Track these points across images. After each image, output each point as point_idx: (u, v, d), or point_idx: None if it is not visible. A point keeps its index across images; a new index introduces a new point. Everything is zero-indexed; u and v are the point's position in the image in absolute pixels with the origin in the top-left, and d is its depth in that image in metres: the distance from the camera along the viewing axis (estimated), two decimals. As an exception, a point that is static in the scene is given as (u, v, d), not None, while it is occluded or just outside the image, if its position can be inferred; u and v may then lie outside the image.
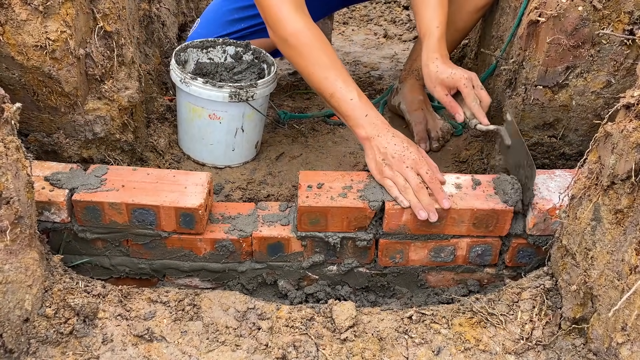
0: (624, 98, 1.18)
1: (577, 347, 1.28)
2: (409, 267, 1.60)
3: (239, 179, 1.97)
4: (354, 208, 1.49)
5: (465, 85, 1.65)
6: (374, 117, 1.56)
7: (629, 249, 1.12)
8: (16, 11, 1.42)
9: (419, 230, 1.53)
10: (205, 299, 1.41)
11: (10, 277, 1.18)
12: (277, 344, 1.32)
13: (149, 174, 1.55)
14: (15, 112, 1.20)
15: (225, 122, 1.89)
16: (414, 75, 2.17)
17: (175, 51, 1.94)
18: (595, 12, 1.51)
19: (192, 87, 1.82)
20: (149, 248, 1.55)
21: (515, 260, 1.59)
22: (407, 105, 2.19)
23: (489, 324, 1.37)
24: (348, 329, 1.35)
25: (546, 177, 1.56)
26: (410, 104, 2.17)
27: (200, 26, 2.23)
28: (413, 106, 2.16)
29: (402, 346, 1.33)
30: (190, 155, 2.02)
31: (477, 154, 2.01)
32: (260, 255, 1.56)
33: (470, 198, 1.52)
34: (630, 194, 1.13)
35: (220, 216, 1.58)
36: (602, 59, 1.58)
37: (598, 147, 1.24)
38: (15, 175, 1.19)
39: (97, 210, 1.47)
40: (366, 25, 3.43)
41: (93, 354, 1.27)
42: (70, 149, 1.69)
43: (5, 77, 1.51)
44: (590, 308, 1.26)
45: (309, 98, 2.45)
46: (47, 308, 1.28)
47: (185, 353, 1.29)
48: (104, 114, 1.68)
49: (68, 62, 1.52)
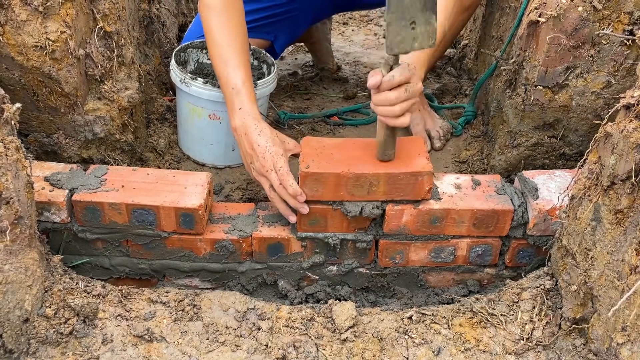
0: (624, 98, 1.18)
1: (577, 347, 1.28)
2: (409, 267, 1.60)
3: (239, 179, 1.96)
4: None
5: None
6: (246, 112, 1.57)
7: (629, 249, 1.12)
8: (16, 11, 1.42)
9: (419, 231, 1.53)
10: (205, 299, 1.41)
11: (10, 277, 1.18)
12: (277, 344, 1.32)
13: (148, 174, 1.55)
14: (15, 112, 1.20)
15: (225, 122, 1.89)
16: None
17: (175, 51, 1.94)
18: (595, 12, 1.51)
19: (192, 87, 1.82)
20: (149, 248, 1.55)
21: (515, 260, 1.59)
22: None
23: (489, 324, 1.37)
24: (348, 329, 1.35)
25: (546, 178, 1.56)
26: None
27: (193, 23, 2.24)
28: None
29: (402, 346, 1.33)
30: (190, 155, 2.02)
31: (477, 154, 2.01)
32: (260, 255, 1.56)
33: (470, 198, 1.52)
34: (630, 194, 1.13)
35: (220, 216, 1.58)
36: (602, 59, 1.58)
37: (598, 147, 1.24)
38: (15, 176, 1.19)
39: (97, 210, 1.47)
40: (366, 25, 3.43)
41: (93, 354, 1.26)
42: (70, 149, 1.69)
43: (5, 78, 1.51)
44: (590, 308, 1.26)
45: (309, 98, 2.45)
46: (47, 308, 1.28)
47: (185, 353, 1.29)
48: (104, 114, 1.68)
49: (68, 63, 1.52)
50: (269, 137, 1.53)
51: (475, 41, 2.40)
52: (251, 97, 1.60)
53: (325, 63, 2.65)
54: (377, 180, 1.44)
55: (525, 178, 1.56)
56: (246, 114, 1.57)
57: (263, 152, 1.50)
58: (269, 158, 1.49)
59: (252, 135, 1.53)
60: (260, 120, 1.57)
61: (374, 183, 1.44)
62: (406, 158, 1.48)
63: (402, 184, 1.45)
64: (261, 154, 1.50)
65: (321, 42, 2.66)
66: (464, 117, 2.17)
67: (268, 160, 1.49)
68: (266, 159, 1.49)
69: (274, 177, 1.48)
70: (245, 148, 1.55)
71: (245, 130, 1.55)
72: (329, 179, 1.43)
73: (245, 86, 1.61)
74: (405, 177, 1.44)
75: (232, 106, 1.60)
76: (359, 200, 1.48)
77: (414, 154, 1.49)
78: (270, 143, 1.51)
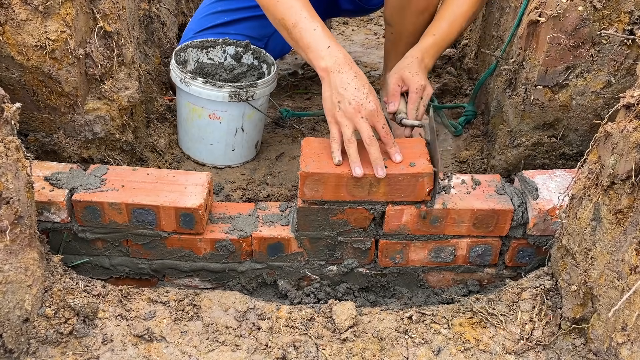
0: (624, 98, 1.18)
1: (577, 347, 1.28)
2: (409, 267, 1.60)
3: (239, 179, 1.96)
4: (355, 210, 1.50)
5: (416, 91, 1.68)
6: (336, 50, 1.47)
7: (629, 249, 1.12)
8: (16, 11, 1.42)
9: (419, 231, 1.53)
10: (205, 299, 1.41)
11: (10, 277, 1.18)
12: (277, 344, 1.32)
13: (148, 174, 1.55)
14: (15, 112, 1.20)
15: (225, 122, 1.89)
16: (388, 70, 2.18)
17: (175, 51, 1.94)
18: (595, 12, 1.51)
19: (192, 87, 1.82)
20: (149, 248, 1.55)
21: (515, 260, 1.59)
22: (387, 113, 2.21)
23: (489, 324, 1.37)
24: (348, 329, 1.35)
25: (546, 177, 1.56)
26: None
27: (191, 21, 2.24)
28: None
29: (402, 346, 1.33)
30: (190, 155, 2.02)
31: (477, 154, 2.01)
32: (260, 255, 1.56)
33: (470, 198, 1.52)
34: (630, 194, 1.13)
35: (220, 216, 1.58)
36: (602, 59, 1.58)
37: (598, 147, 1.24)
38: (15, 175, 1.19)
39: (97, 210, 1.47)
40: (366, 25, 3.43)
41: (93, 354, 1.26)
42: (70, 149, 1.69)
43: (5, 77, 1.51)
44: (590, 308, 1.26)
45: (309, 98, 2.45)
46: (47, 308, 1.28)
47: (185, 353, 1.29)
48: (104, 114, 1.68)
49: (68, 62, 1.52)
50: (367, 83, 1.45)
51: (475, 41, 2.40)
52: (336, 40, 1.50)
53: None
54: (377, 181, 1.44)
55: (525, 178, 1.56)
56: (338, 52, 1.47)
57: (361, 98, 1.41)
58: (369, 107, 1.41)
59: (348, 75, 1.43)
60: (354, 63, 1.48)
61: (374, 184, 1.44)
62: (406, 159, 1.48)
63: (402, 185, 1.45)
64: (358, 98, 1.41)
65: None
66: (464, 116, 2.17)
67: (366, 108, 1.41)
68: (363, 106, 1.41)
69: (365, 126, 1.41)
70: (335, 86, 1.43)
71: (340, 68, 1.44)
72: (330, 180, 1.43)
73: (326, 29, 1.51)
74: (405, 178, 1.44)
75: (317, 47, 1.47)
76: (359, 201, 1.48)
77: (415, 155, 1.49)
78: (368, 90, 1.43)
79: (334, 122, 1.45)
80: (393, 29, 2.02)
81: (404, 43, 2.00)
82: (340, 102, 1.43)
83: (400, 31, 1.99)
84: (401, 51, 2.04)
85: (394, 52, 2.09)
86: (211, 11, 2.19)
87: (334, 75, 1.44)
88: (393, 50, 2.09)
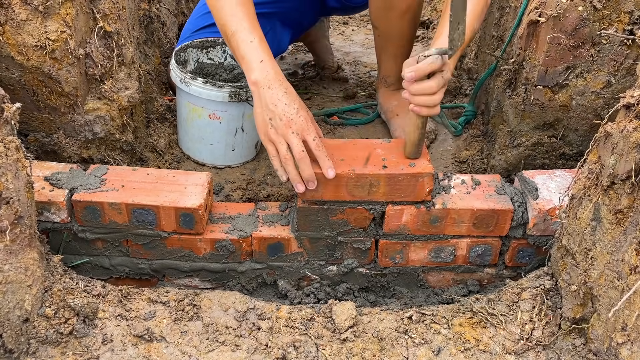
0: (624, 98, 1.18)
1: (577, 347, 1.28)
2: (409, 267, 1.60)
3: (239, 179, 1.96)
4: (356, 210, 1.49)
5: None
6: (268, 65, 1.45)
7: (629, 249, 1.12)
8: (16, 11, 1.42)
9: (419, 231, 1.53)
10: (205, 299, 1.41)
11: (10, 277, 1.18)
12: (277, 344, 1.32)
13: (148, 174, 1.55)
14: (15, 112, 1.20)
15: (225, 122, 1.89)
16: (383, 84, 2.19)
17: (175, 51, 1.94)
18: (595, 12, 1.51)
19: (192, 87, 1.82)
20: (149, 248, 1.55)
21: (515, 260, 1.59)
22: (385, 114, 2.21)
23: (489, 324, 1.37)
24: (348, 329, 1.35)
25: (546, 177, 1.56)
26: (387, 112, 2.20)
27: (189, 21, 2.24)
28: (389, 114, 2.18)
29: (402, 346, 1.33)
30: (190, 155, 2.01)
31: (477, 154, 2.01)
32: (260, 255, 1.56)
33: (470, 198, 1.52)
34: (630, 194, 1.13)
35: (220, 216, 1.58)
36: (602, 59, 1.58)
37: (598, 147, 1.24)
38: (15, 175, 1.19)
39: (97, 210, 1.47)
40: (366, 25, 3.42)
41: (93, 354, 1.26)
42: (70, 149, 1.69)
43: (5, 77, 1.51)
44: (590, 308, 1.26)
45: (309, 98, 2.45)
46: (47, 308, 1.28)
47: (185, 353, 1.29)
48: (104, 114, 1.68)
49: (68, 62, 1.52)
50: (297, 98, 1.44)
51: (475, 41, 2.40)
52: (271, 55, 1.49)
53: (325, 61, 2.65)
54: (377, 181, 1.44)
55: (525, 178, 1.56)
56: (269, 68, 1.46)
57: (291, 113, 1.40)
58: (299, 122, 1.40)
59: (277, 92, 1.43)
60: (285, 79, 1.47)
61: (375, 184, 1.44)
62: (407, 159, 1.48)
63: (402, 185, 1.45)
64: (288, 113, 1.40)
65: (319, 40, 2.66)
66: (464, 116, 2.17)
67: (297, 123, 1.39)
68: (294, 121, 1.39)
69: (296, 141, 1.39)
70: (265, 103, 1.43)
71: (270, 84, 1.43)
72: (330, 179, 1.43)
73: (264, 43, 1.50)
74: (405, 179, 1.44)
75: (250, 59, 1.47)
76: (359, 200, 1.48)
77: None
78: (298, 105, 1.42)
79: (267, 140, 1.44)
80: (379, 31, 2.03)
81: (392, 45, 2.02)
82: (272, 119, 1.42)
83: (387, 32, 2.00)
84: (392, 52, 2.05)
85: (384, 54, 2.10)
86: (207, 10, 2.19)
87: (263, 90, 1.44)
88: (383, 52, 2.10)
